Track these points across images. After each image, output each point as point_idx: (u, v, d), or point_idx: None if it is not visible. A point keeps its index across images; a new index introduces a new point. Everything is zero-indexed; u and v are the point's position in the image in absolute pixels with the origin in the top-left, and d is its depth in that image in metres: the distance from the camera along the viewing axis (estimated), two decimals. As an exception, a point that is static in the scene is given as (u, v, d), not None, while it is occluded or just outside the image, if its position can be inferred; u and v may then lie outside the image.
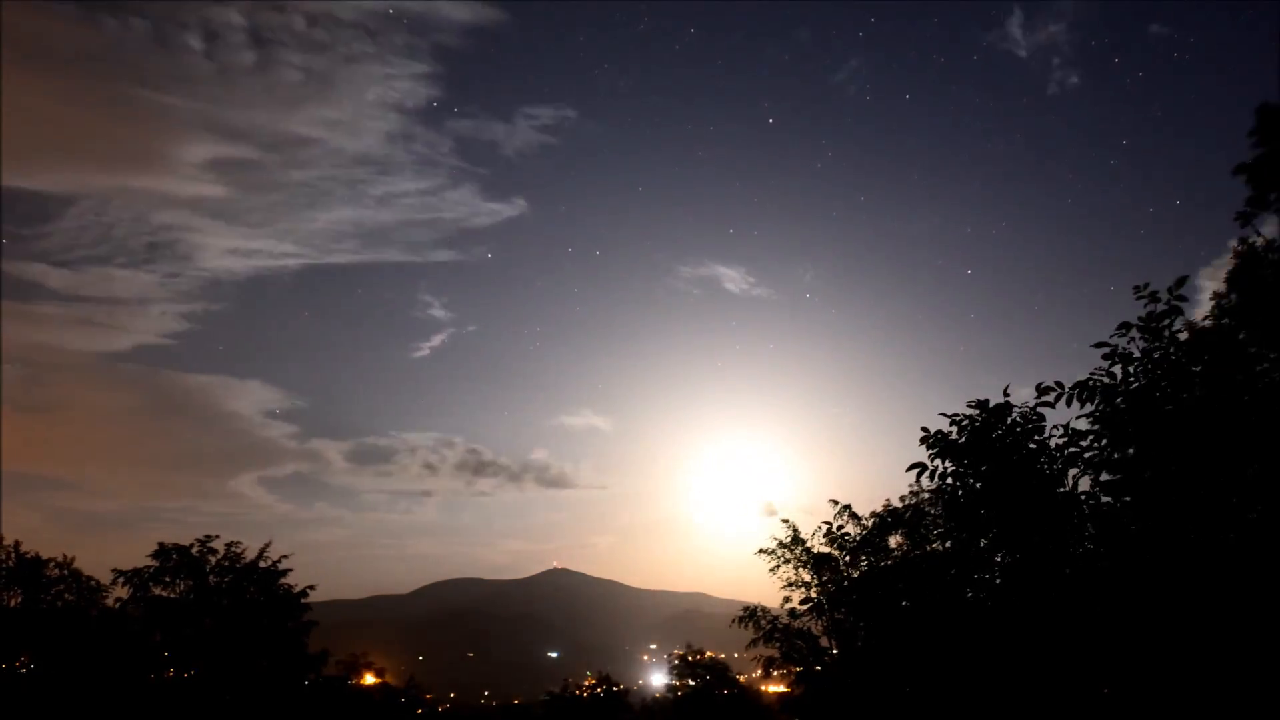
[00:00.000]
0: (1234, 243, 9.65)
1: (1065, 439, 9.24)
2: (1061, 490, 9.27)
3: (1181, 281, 8.63)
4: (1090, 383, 8.89)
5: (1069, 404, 8.97)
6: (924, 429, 9.74)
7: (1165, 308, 8.63)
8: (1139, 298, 8.77)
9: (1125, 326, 8.78)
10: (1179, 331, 8.63)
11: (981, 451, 9.44)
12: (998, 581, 10.08)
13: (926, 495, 19.37)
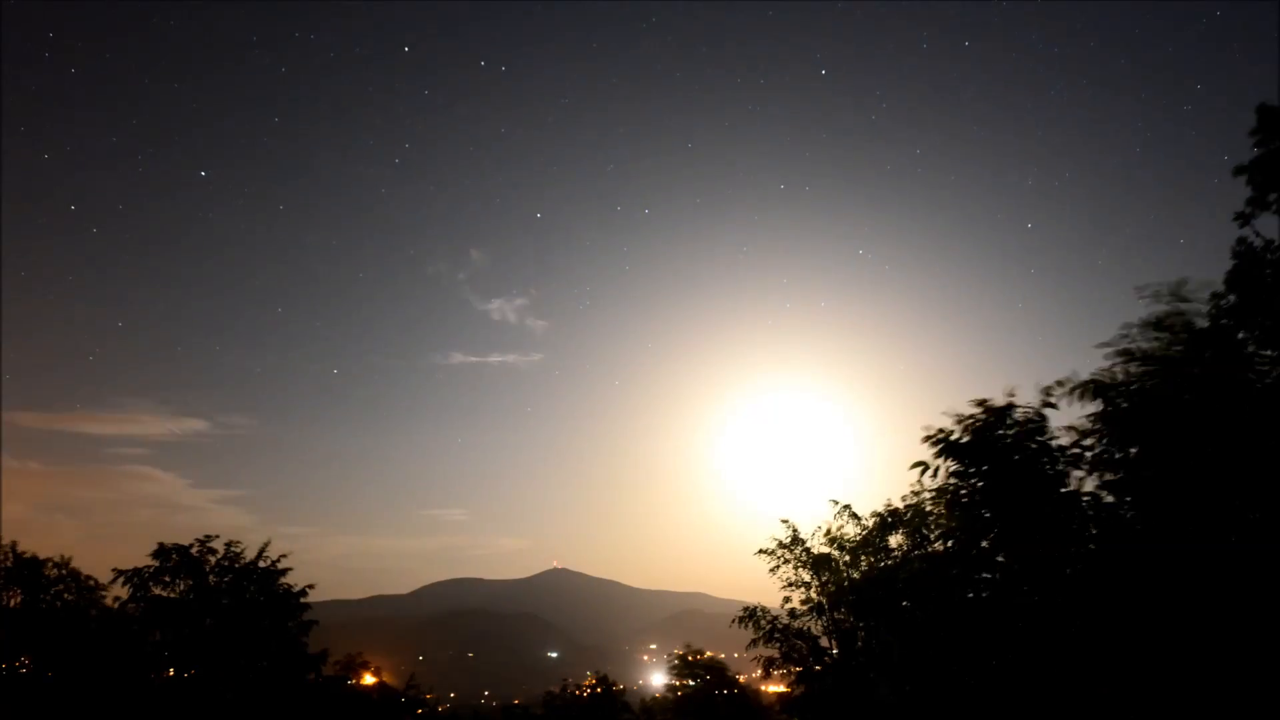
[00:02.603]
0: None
1: (1068, 439, 9.24)
2: (1064, 490, 9.27)
3: (1182, 283, 8.65)
4: (1093, 383, 8.90)
5: (1070, 404, 8.98)
6: (925, 428, 9.74)
7: (1167, 309, 8.64)
8: (1141, 298, 8.79)
9: (1128, 327, 8.80)
10: (1180, 333, 8.64)
11: (984, 451, 9.43)
12: (999, 581, 10.08)
13: (928, 495, 19.39)
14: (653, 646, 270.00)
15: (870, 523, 21.39)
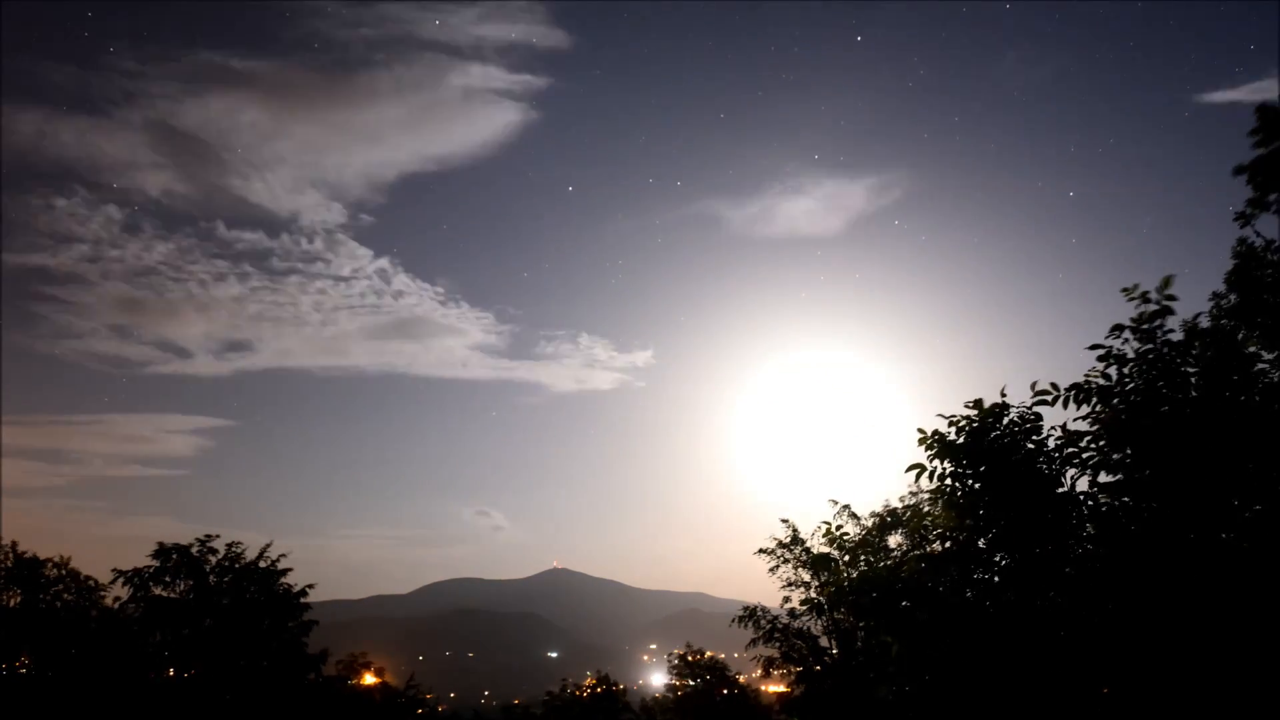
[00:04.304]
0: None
1: (1063, 440, 9.23)
2: (1060, 491, 9.27)
3: (1168, 281, 8.63)
4: (1086, 384, 8.90)
5: (1065, 406, 8.97)
6: (920, 430, 9.74)
7: (1156, 308, 8.63)
8: (1130, 299, 8.76)
9: (1119, 328, 8.79)
10: (1170, 332, 8.64)
11: (979, 452, 9.42)
12: (997, 581, 10.08)
13: (926, 495, 19.41)
14: (653, 646, 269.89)
15: (869, 522, 21.41)
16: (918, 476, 9.80)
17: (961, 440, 9.54)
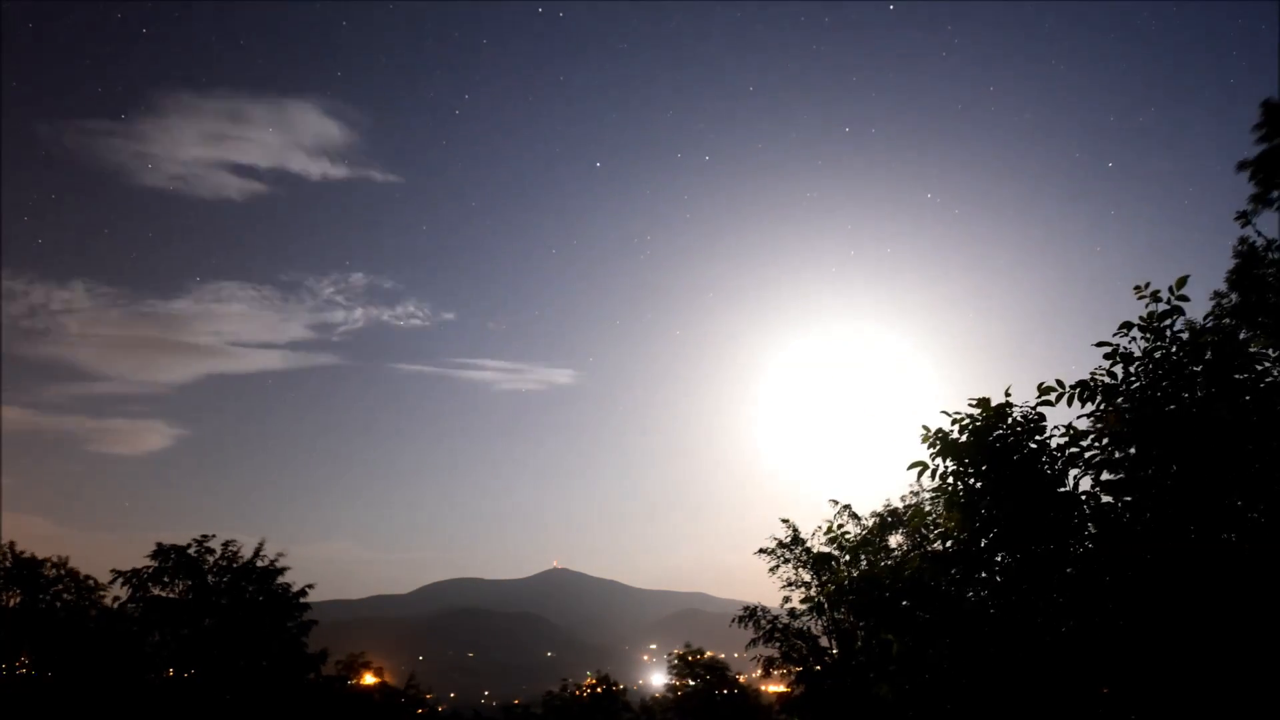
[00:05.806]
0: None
1: (1066, 439, 9.20)
2: (1062, 490, 9.23)
3: (1183, 281, 8.58)
4: (1091, 382, 8.86)
5: (1069, 404, 8.93)
6: (924, 427, 9.70)
7: (1167, 308, 8.57)
8: (1140, 297, 8.72)
9: (1127, 326, 8.75)
10: (1180, 332, 8.59)
11: (982, 451, 9.39)
12: (998, 580, 10.05)
13: (928, 495, 19.40)
14: (653, 646, 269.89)
15: (870, 522, 21.42)
16: (920, 475, 9.77)
17: (964, 439, 9.51)
